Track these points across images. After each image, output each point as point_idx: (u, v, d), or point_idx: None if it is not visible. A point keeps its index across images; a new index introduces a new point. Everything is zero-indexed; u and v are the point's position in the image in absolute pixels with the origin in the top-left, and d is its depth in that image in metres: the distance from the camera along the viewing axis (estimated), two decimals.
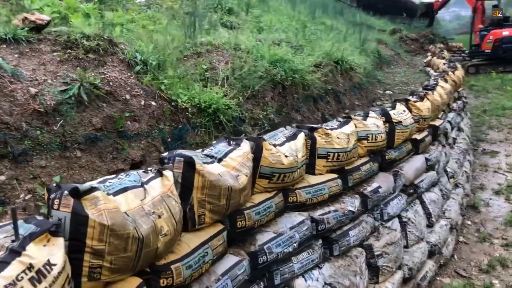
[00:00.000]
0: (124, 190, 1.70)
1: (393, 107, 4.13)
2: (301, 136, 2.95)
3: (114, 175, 1.83)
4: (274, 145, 2.70)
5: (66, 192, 1.48)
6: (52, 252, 1.32)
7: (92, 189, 1.54)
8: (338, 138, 3.16)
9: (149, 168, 1.92)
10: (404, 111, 4.09)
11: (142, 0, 7.11)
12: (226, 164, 2.28)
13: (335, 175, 3.12)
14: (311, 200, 2.88)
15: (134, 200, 1.69)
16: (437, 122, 4.91)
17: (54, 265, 1.29)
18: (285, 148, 2.74)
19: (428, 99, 4.64)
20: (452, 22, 45.64)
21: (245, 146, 2.43)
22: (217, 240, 2.12)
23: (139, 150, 3.14)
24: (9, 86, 2.60)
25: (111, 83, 3.11)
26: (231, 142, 2.47)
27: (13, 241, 1.27)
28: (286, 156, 2.68)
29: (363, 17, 26.53)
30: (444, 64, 9.21)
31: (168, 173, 1.89)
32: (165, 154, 2.13)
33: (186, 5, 7.65)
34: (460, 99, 8.24)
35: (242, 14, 8.91)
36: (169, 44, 3.93)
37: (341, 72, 7.06)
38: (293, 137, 2.92)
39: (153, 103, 3.38)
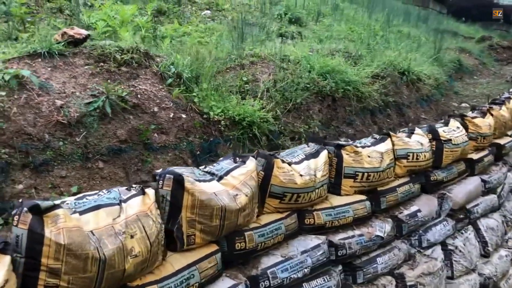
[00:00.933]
0: (97, 207, 1.68)
1: (446, 123, 3.78)
2: (324, 154, 2.78)
3: (95, 191, 1.82)
4: (289, 163, 2.57)
5: (25, 208, 1.48)
6: None
7: (55, 207, 1.53)
8: (369, 156, 2.94)
9: (133, 186, 1.89)
10: (458, 127, 3.73)
11: (207, 12, 7.24)
12: (226, 183, 2.19)
13: (363, 197, 2.90)
14: (332, 223, 2.70)
15: (105, 218, 1.66)
16: (503, 140, 4.42)
17: None
18: (301, 167, 2.59)
19: (492, 114, 4.20)
20: None
21: (251, 164, 2.33)
22: (207, 262, 2.03)
23: (164, 162, 3.16)
24: (36, 98, 2.73)
25: (139, 96, 3.16)
26: (237, 159, 2.37)
27: None
28: (300, 175, 2.53)
29: (451, 24, 25.11)
30: None
31: (150, 191, 1.85)
32: (158, 170, 2.09)
33: (253, 16, 7.71)
34: None
35: (310, 24, 8.81)
36: (207, 57, 3.92)
37: (407, 83, 6.66)
38: (314, 154, 2.76)
39: (184, 115, 3.39)
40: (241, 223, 2.20)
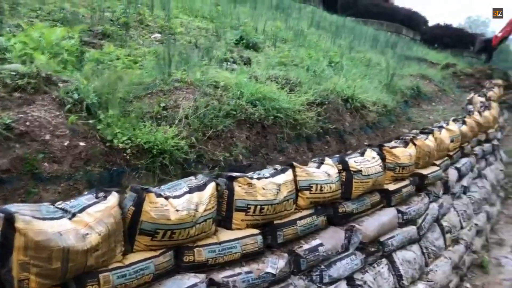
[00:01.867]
0: None
1: (362, 153, 3.71)
2: (210, 187, 2.66)
3: None
4: (167, 198, 2.44)
5: None
6: None
7: None
8: (263, 188, 2.83)
9: None
10: (374, 157, 3.66)
11: (157, 35, 7.14)
12: (79, 220, 2.05)
13: (254, 231, 2.78)
14: (215, 259, 2.56)
15: None
16: (427, 170, 4.37)
17: None
18: (180, 201, 2.46)
19: (415, 144, 4.15)
20: None
21: (112, 199, 2.19)
22: None
23: (55, 194, 2.99)
24: None
25: (28, 123, 3.01)
26: (100, 194, 2.24)
27: None
28: (177, 211, 2.40)
29: (421, 50, 25.63)
30: (480, 102, 8.48)
31: None
32: None
33: (208, 40, 7.65)
34: (490, 141, 7.46)
35: (266, 49, 8.77)
36: (118, 82, 3.81)
37: (350, 110, 6.65)
38: (200, 187, 2.64)
39: (82, 143, 3.24)
40: (92, 264, 2.05)
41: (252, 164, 4.37)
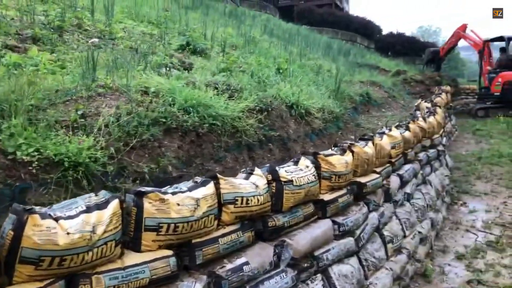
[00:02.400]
0: None
1: (296, 162, 3.49)
2: (113, 205, 2.34)
3: None
4: (57, 219, 2.11)
5: None
6: None
7: None
8: (178, 204, 2.54)
9: None
10: (307, 166, 3.44)
11: (95, 40, 6.75)
12: None
13: (167, 253, 2.48)
14: (118, 287, 2.24)
15: None
16: (365, 178, 4.20)
17: None
18: (73, 222, 2.14)
19: (353, 151, 3.98)
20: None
21: None
22: None
23: None
24: None
25: None
26: None
27: None
28: (68, 234, 2.07)
29: (374, 58, 26.11)
30: (426, 107, 8.53)
31: None
32: None
33: (152, 46, 7.30)
34: (435, 147, 7.47)
35: (214, 56, 8.54)
36: (27, 87, 3.44)
37: (295, 117, 6.48)
38: (101, 205, 2.32)
39: None
40: None
41: (183, 176, 4.08)
